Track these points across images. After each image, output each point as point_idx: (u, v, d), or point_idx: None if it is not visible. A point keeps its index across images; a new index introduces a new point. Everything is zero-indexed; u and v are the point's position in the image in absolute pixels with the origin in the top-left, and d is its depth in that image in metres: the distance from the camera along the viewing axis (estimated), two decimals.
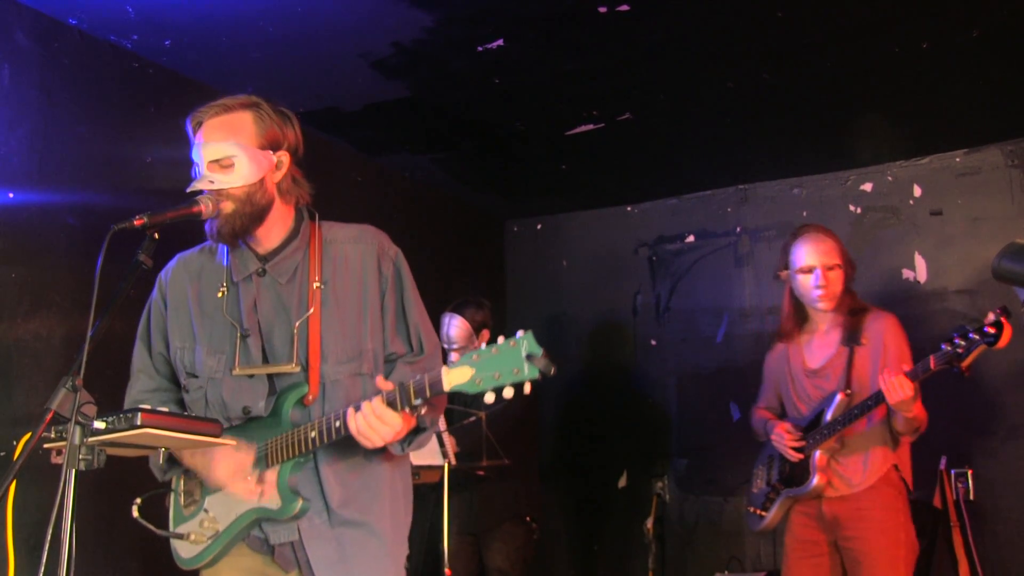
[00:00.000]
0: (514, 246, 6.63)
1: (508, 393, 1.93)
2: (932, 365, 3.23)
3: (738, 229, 5.83)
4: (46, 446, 1.98)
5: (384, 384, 2.10)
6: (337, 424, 2.14)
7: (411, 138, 5.03)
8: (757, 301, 5.67)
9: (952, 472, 4.80)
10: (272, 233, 2.37)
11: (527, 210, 6.47)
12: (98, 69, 3.78)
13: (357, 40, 3.89)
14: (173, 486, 2.43)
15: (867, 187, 5.45)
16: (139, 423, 1.93)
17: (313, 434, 2.18)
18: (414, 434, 2.28)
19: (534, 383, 1.92)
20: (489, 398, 1.94)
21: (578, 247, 6.37)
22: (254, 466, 2.27)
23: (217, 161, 2.27)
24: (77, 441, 1.89)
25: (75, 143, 3.64)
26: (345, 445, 2.22)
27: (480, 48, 3.96)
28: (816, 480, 3.53)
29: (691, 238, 5.97)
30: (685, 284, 5.96)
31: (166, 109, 4.01)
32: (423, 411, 2.16)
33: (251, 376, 2.33)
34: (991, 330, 3.13)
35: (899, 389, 3.24)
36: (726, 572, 5.16)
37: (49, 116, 3.55)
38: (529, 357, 1.88)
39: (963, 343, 3.16)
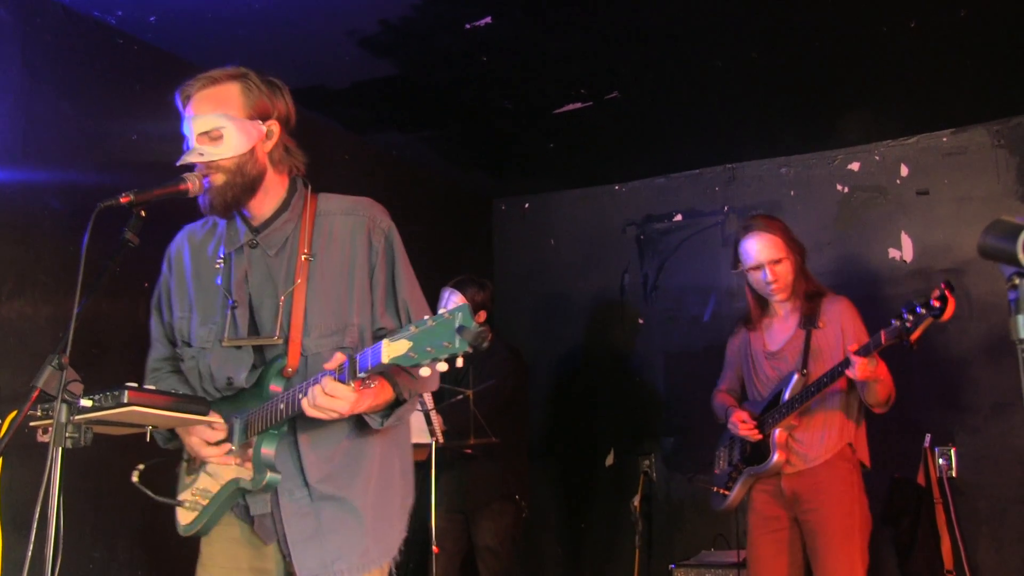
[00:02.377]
0: (502, 225, 6.62)
1: (441, 367, 1.88)
2: (883, 340, 3.34)
3: (726, 208, 5.84)
4: (32, 424, 1.98)
5: (337, 357, 2.06)
6: (300, 396, 2.12)
7: (399, 117, 5.01)
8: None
9: (936, 450, 4.84)
10: (265, 204, 2.37)
11: (515, 189, 6.47)
12: (82, 45, 3.74)
13: (344, 18, 3.87)
14: (183, 454, 2.45)
15: (854, 166, 5.46)
16: (125, 401, 1.94)
17: (281, 405, 2.17)
18: (393, 407, 2.27)
19: (453, 364, 1.87)
20: (424, 372, 1.89)
21: (566, 226, 6.36)
22: (237, 438, 2.28)
23: (206, 133, 2.26)
24: (63, 419, 1.89)
25: (59, 120, 3.61)
26: (326, 421, 2.21)
27: (468, 26, 3.95)
28: (776, 457, 3.65)
29: (679, 217, 5.98)
30: (673, 263, 5.97)
31: (151, 86, 3.98)
32: (372, 383, 2.10)
33: (238, 347, 2.33)
34: (936, 304, 3.22)
35: (859, 368, 3.36)
36: (712, 549, 5.19)
37: (32, 93, 3.52)
38: (460, 330, 1.81)
39: (911, 317, 3.27)
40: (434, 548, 4.20)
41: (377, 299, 2.36)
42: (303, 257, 2.32)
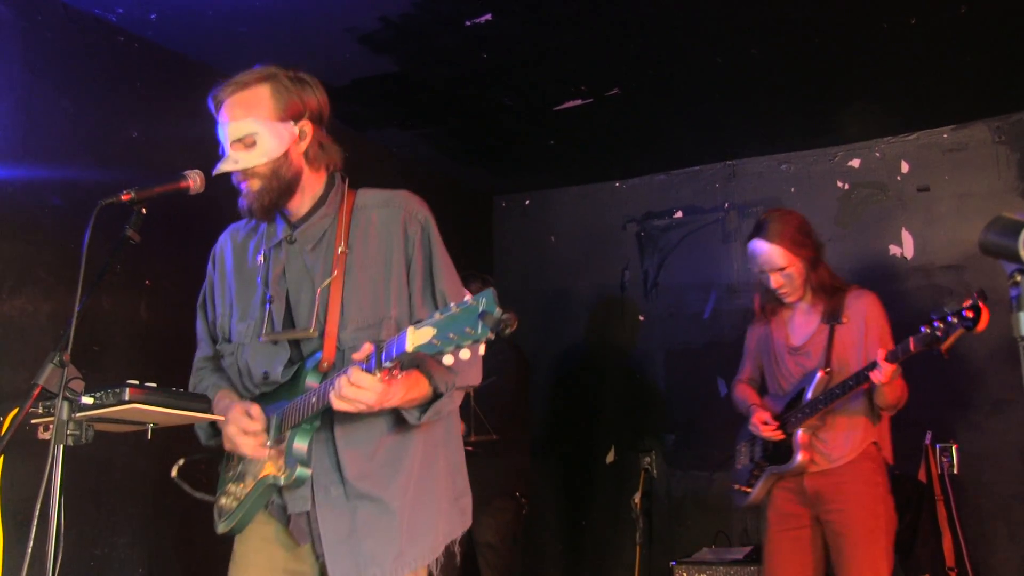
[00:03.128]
0: (502, 222, 6.62)
1: (464, 355, 1.83)
2: (912, 347, 3.28)
3: (726, 205, 5.83)
4: (33, 421, 1.98)
5: (366, 348, 2.02)
6: (330, 388, 2.10)
7: (399, 114, 5.01)
8: (745, 277, 5.68)
9: (937, 447, 4.84)
10: (303, 201, 2.37)
11: (515, 186, 6.46)
12: (83, 43, 3.74)
13: (344, 15, 3.86)
14: (226, 453, 2.44)
15: (855, 163, 5.46)
16: (126, 398, 1.94)
17: (313, 399, 2.16)
18: (432, 401, 2.24)
19: (476, 352, 1.85)
20: (447, 360, 1.84)
21: (566, 223, 6.36)
22: (272, 433, 2.27)
23: (240, 140, 2.27)
24: (65, 416, 1.89)
25: (60, 118, 3.61)
26: (364, 416, 2.20)
27: (468, 23, 3.94)
28: (800, 458, 3.60)
29: (679, 214, 5.98)
30: (673, 260, 5.96)
31: (152, 83, 3.98)
32: (397, 373, 2.05)
33: (275, 342, 2.34)
34: (969, 314, 3.15)
35: (885, 373, 3.31)
36: (713, 547, 5.19)
37: (33, 90, 3.52)
38: (483, 315, 1.77)
39: (941, 326, 3.20)
40: None
41: (415, 290, 2.34)
42: (339, 251, 2.32)
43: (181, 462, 2.35)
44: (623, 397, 5.97)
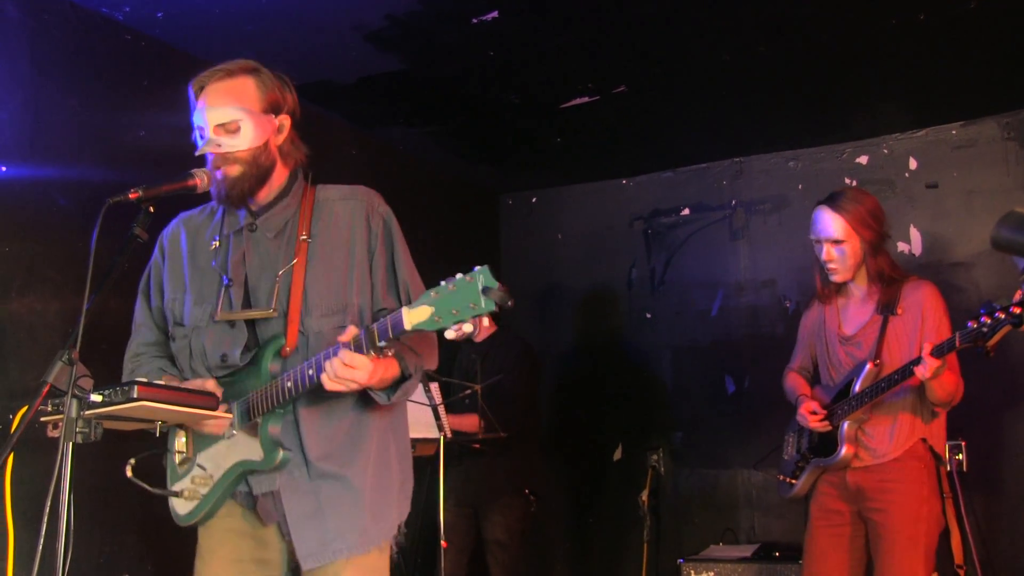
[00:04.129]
0: (509, 220, 6.62)
1: (468, 328, 1.92)
2: (957, 343, 3.18)
3: (733, 202, 5.83)
4: (43, 419, 1.99)
5: (351, 330, 2.10)
6: (310, 372, 2.15)
7: (405, 111, 5.01)
8: (752, 275, 5.68)
9: (947, 444, 4.83)
10: (268, 192, 2.41)
11: (522, 183, 6.46)
12: (90, 41, 3.75)
13: (351, 12, 3.86)
14: (168, 445, 2.46)
15: (863, 160, 5.45)
16: (135, 396, 1.94)
17: (289, 384, 2.19)
18: (399, 383, 2.29)
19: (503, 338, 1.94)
20: (449, 335, 1.94)
21: (573, 220, 6.36)
22: (238, 419, 2.30)
23: (223, 125, 2.30)
24: (74, 414, 1.90)
25: (67, 116, 3.62)
26: (326, 397, 2.25)
27: (475, 20, 3.94)
28: (844, 451, 3.50)
29: (686, 211, 5.97)
30: (680, 257, 5.96)
31: (159, 81, 3.98)
32: (389, 352, 2.14)
33: (232, 325, 2.35)
34: (1017, 310, 3.02)
35: (928, 368, 3.22)
36: (720, 544, 5.20)
37: (41, 89, 3.52)
38: (485, 291, 1.87)
39: (989, 321, 3.09)
40: (443, 542, 4.20)
41: (378, 281, 2.40)
42: (302, 238, 2.37)
43: (133, 461, 2.33)
44: (630, 395, 5.97)
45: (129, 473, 2.32)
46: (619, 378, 6.04)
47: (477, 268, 1.90)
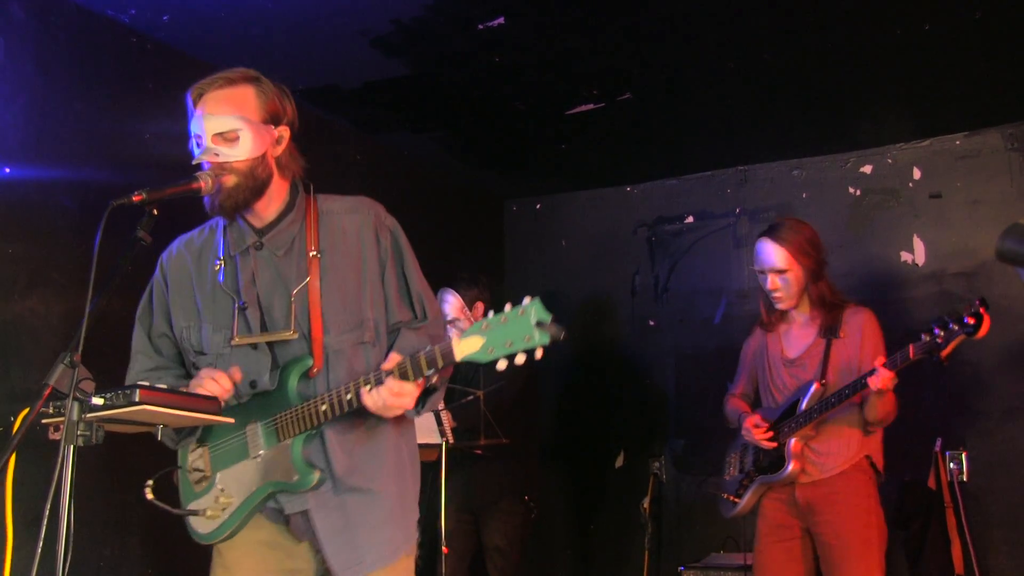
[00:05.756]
0: (513, 226, 6.62)
1: (520, 359, 1.97)
2: (911, 355, 3.29)
3: (737, 210, 5.82)
4: (44, 422, 1.98)
5: (393, 358, 2.15)
6: (348, 397, 2.18)
7: (411, 117, 5.01)
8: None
9: (947, 454, 4.82)
10: (269, 207, 2.38)
11: (526, 190, 6.46)
12: (95, 44, 3.75)
13: (357, 17, 3.87)
14: (180, 463, 2.44)
15: (867, 169, 5.44)
16: (137, 400, 1.94)
17: (324, 407, 2.21)
18: (425, 396, 2.31)
19: (532, 357, 1.97)
20: (501, 365, 1.98)
21: (577, 227, 6.36)
22: (264, 441, 2.30)
23: (222, 134, 2.27)
24: (75, 417, 1.89)
25: (72, 118, 3.62)
26: (351, 415, 2.26)
27: (480, 26, 3.94)
28: (791, 467, 3.59)
29: (690, 219, 5.97)
30: (684, 265, 5.96)
31: (164, 85, 3.99)
32: (435, 379, 2.21)
33: (254, 348, 2.34)
34: (970, 320, 3.15)
35: (884, 380, 3.32)
36: (722, 552, 5.18)
37: (46, 91, 3.53)
38: (539, 324, 1.93)
39: (942, 333, 3.21)
40: (444, 548, 4.20)
41: (391, 294, 2.41)
42: (312, 254, 2.35)
43: (151, 482, 2.32)
44: (633, 402, 5.96)
45: (149, 495, 2.31)
46: (622, 385, 6.03)
47: (528, 300, 1.97)
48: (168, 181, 2.20)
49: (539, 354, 1.97)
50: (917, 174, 5.29)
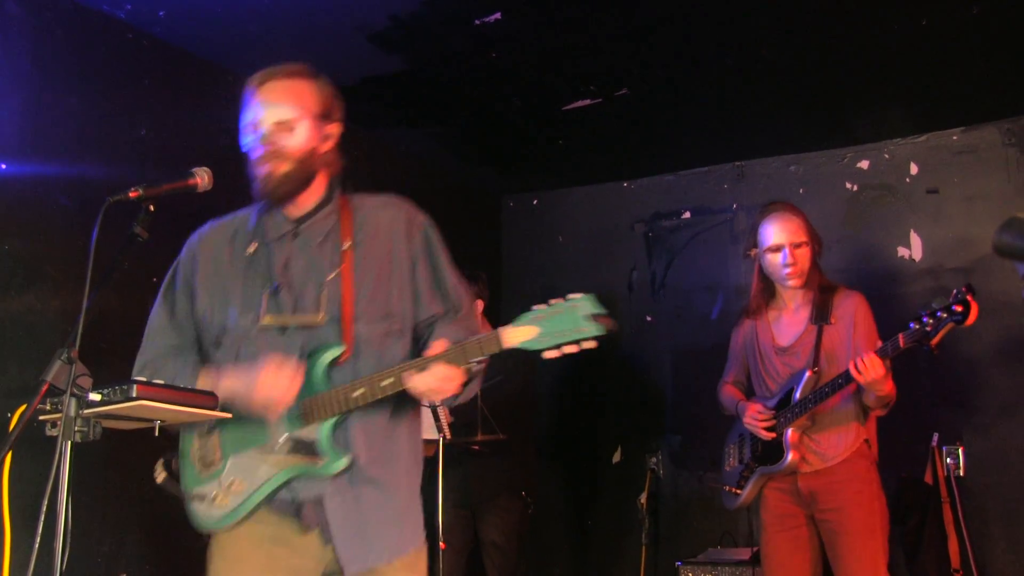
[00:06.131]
0: (510, 221, 6.62)
1: (571, 349, 2.11)
2: (901, 343, 3.29)
3: (734, 206, 5.82)
4: (41, 418, 1.98)
5: (441, 343, 2.21)
6: (386, 383, 2.22)
7: (408, 112, 5.01)
8: (753, 278, 5.66)
9: (944, 449, 4.83)
10: (309, 199, 2.42)
11: (523, 185, 6.46)
12: (91, 40, 3.75)
13: (354, 13, 3.86)
14: (182, 447, 2.43)
15: (864, 164, 5.44)
16: (134, 395, 1.93)
17: (359, 392, 2.24)
18: (464, 384, 2.35)
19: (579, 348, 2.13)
20: (551, 354, 2.11)
21: (574, 223, 6.36)
22: (289, 425, 2.30)
23: (282, 122, 2.33)
24: (72, 413, 1.89)
25: (68, 115, 3.62)
26: (375, 405, 2.28)
27: (477, 22, 3.94)
28: (790, 457, 3.59)
29: (687, 215, 5.97)
30: (681, 261, 5.96)
31: (160, 81, 3.98)
32: (483, 366, 2.29)
33: (282, 333, 2.34)
34: (958, 308, 3.18)
35: (870, 369, 3.31)
36: (719, 547, 5.19)
37: (42, 87, 3.52)
38: (593, 316, 2.08)
39: (931, 321, 3.22)
40: (441, 543, 4.20)
41: (424, 289, 2.45)
42: (346, 246, 2.39)
43: (161, 465, 2.31)
44: (630, 397, 5.96)
45: (161, 479, 2.30)
46: (619, 381, 6.03)
47: (581, 295, 2.15)
48: (165, 177, 2.20)
49: (591, 345, 2.12)
50: (914, 169, 5.30)
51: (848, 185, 5.46)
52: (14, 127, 3.41)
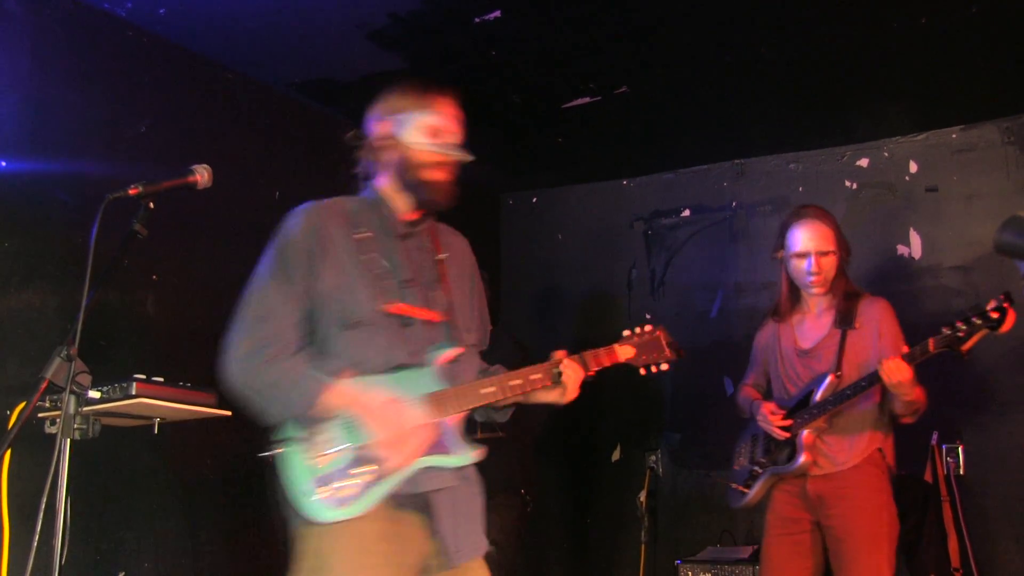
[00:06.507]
0: (509, 219, 6.62)
1: (654, 370, 2.81)
2: (931, 348, 3.24)
3: (734, 204, 5.82)
4: (41, 415, 1.99)
5: (561, 353, 2.64)
6: (515, 383, 2.47)
7: None
8: (752, 276, 5.67)
9: (943, 447, 4.83)
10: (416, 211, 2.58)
11: (523, 183, 6.46)
12: (91, 38, 3.75)
13: (353, 11, 3.86)
14: (290, 435, 2.28)
15: (863, 163, 5.44)
16: (134, 393, 1.94)
17: (488, 390, 2.41)
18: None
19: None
20: (644, 371, 2.75)
21: (573, 221, 6.35)
22: (426, 415, 2.33)
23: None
24: (72, 410, 1.90)
25: (68, 112, 3.62)
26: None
27: (477, 20, 3.94)
28: (802, 459, 3.54)
29: (687, 213, 5.97)
30: (680, 259, 5.95)
31: (160, 78, 3.98)
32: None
33: (407, 324, 2.39)
34: (994, 315, 3.13)
35: (897, 372, 3.26)
36: (718, 546, 5.19)
37: (41, 85, 3.52)
38: (669, 344, 2.70)
39: (964, 327, 3.17)
40: None
41: (474, 308, 2.65)
42: (442, 256, 2.56)
43: (273, 451, 2.23)
44: (629, 396, 5.96)
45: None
46: (618, 379, 6.00)
47: (659, 326, 2.82)
48: (164, 174, 2.20)
49: (665, 367, 2.84)
50: (913, 168, 5.30)
51: (847, 183, 5.46)
52: (14, 124, 3.40)
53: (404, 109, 2.65)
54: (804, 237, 3.63)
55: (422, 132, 2.57)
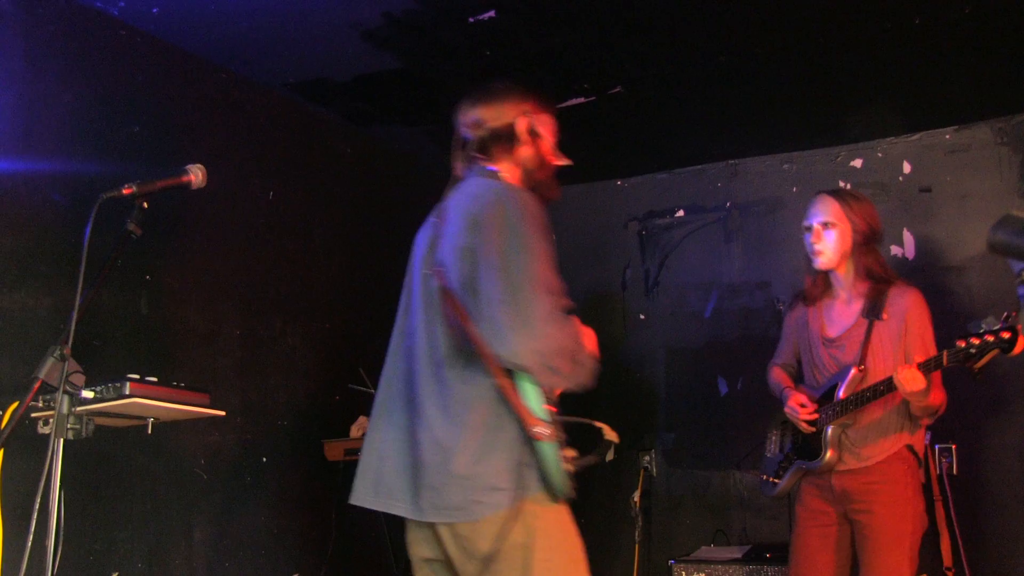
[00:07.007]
0: None
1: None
2: (944, 362, 3.23)
3: (728, 204, 5.83)
4: (34, 415, 1.98)
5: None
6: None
7: (401, 110, 5.00)
8: (746, 276, 5.68)
9: (936, 447, 4.84)
10: None
11: None
12: (84, 37, 3.73)
13: (347, 10, 3.85)
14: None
15: (857, 163, 5.45)
16: (127, 393, 1.94)
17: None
18: None
19: None
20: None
21: (568, 221, 6.35)
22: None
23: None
24: (65, 410, 1.89)
25: (61, 111, 3.61)
26: None
27: (472, 19, 3.94)
28: (828, 455, 3.53)
29: (681, 213, 5.97)
30: (674, 259, 5.96)
31: (153, 77, 3.97)
32: None
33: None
34: (1005, 335, 3.09)
35: (911, 382, 3.26)
36: (712, 545, 5.20)
37: (34, 84, 3.51)
38: None
39: (977, 343, 3.13)
40: None
41: None
42: None
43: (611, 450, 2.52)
44: (623, 395, 5.97)
45: (610, 456, 2.46)
46: (612, 378, 6.03)
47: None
48: (158, 174, 2.20)
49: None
50: (907, 168, 5.31)
51: (841, 183, 5.46)
52: (6, 123, 3.39)
53: (536, 109, 2.77)
54: (810, 211, 3.66)
55: (551, 133, 2.71)
